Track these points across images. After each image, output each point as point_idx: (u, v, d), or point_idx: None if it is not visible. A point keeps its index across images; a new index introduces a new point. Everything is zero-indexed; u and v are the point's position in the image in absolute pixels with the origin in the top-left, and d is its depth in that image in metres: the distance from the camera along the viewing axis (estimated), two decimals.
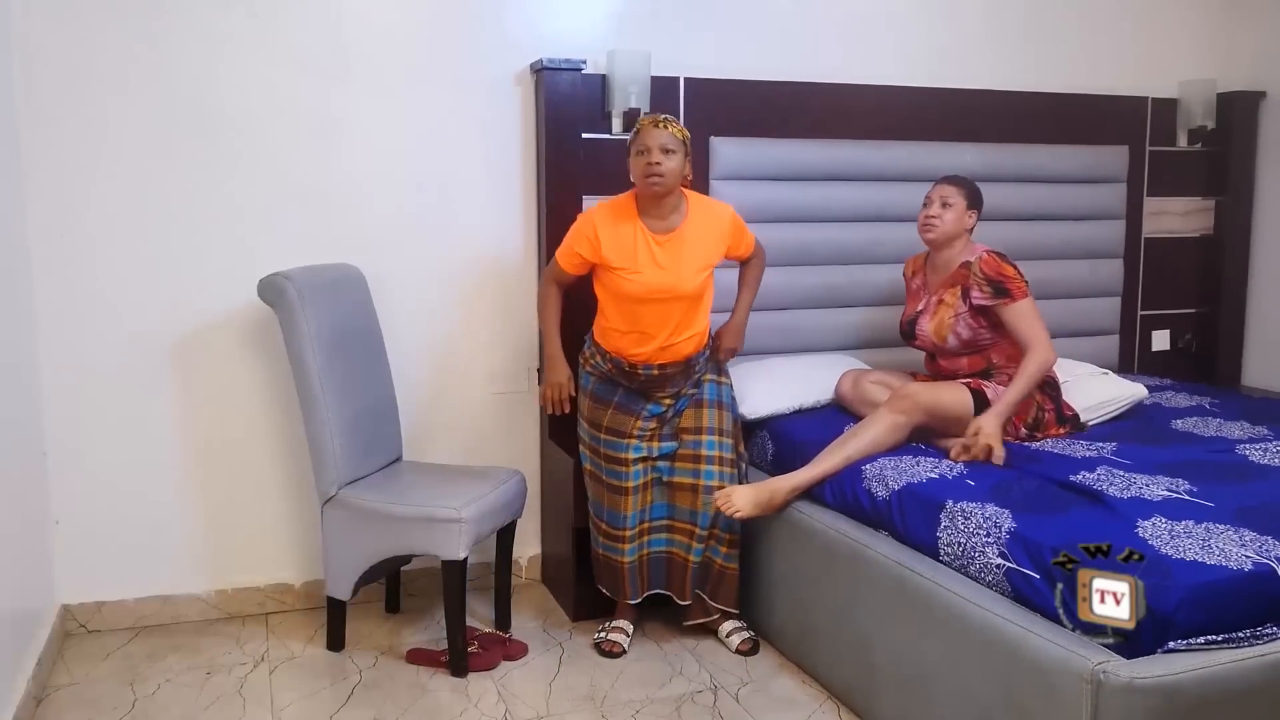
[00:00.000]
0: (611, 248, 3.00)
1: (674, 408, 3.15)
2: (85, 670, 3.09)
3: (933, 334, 3.23)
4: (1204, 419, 3.39)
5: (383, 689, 2.97)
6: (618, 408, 3.13)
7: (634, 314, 3.02)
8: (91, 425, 3.28)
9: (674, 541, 3.19)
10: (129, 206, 3.24)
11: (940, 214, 3.20)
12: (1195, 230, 4.47)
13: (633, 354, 3.05)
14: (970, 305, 3.13)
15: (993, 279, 3.10)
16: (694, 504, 3.13)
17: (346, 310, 3.26)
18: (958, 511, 2.56)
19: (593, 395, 3.17)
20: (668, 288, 2.99)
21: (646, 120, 2.99)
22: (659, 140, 2.93)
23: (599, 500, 3.19)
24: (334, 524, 3.10)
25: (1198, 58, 4.40)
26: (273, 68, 3.33)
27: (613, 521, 3.15)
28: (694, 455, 3.14)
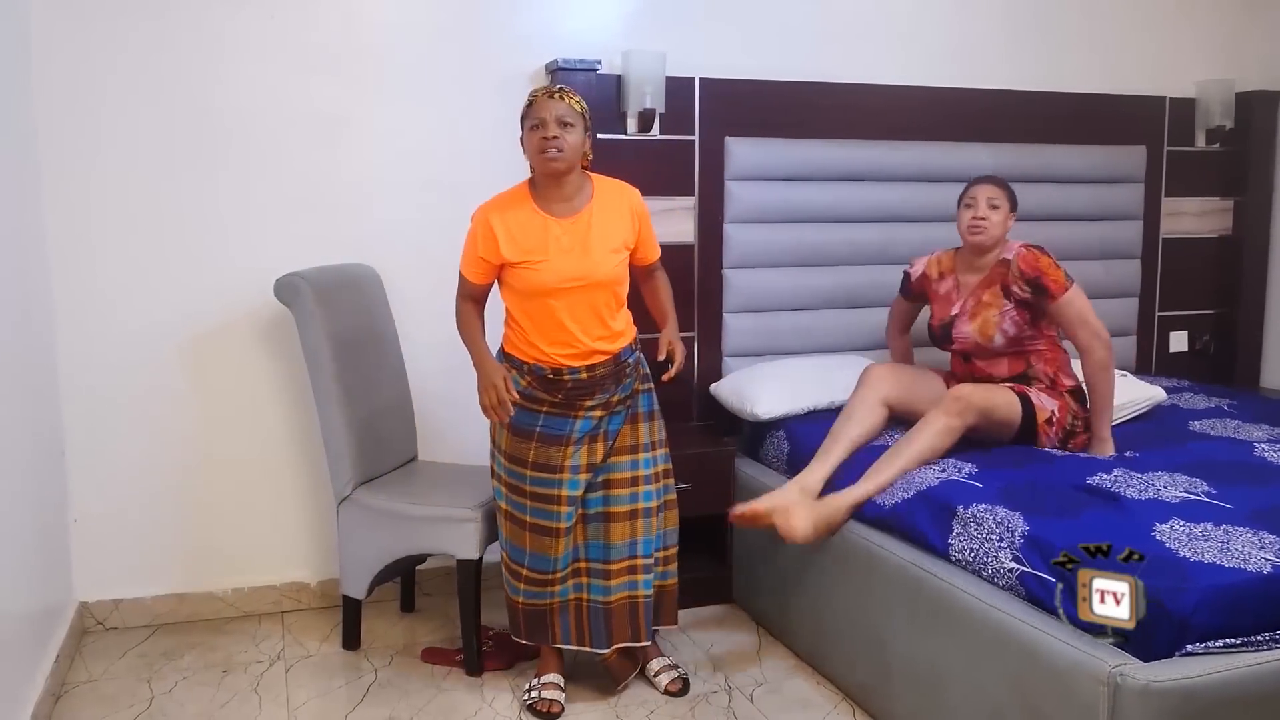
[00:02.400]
0: (511, 242, 2.69)
1: (606, 424, 2.81)
2: (103, 667, 3.11)
3: (978, 334, 3.11)
4: (1222, 420, 3.37)
5: (398, 688, 2.98)
6: (542, 439, 2.77)
7: (549, 311, 2.71)
8: (109, 425, 3.30)
9: (614, 587, 2.82)
10: (145, 208, 3.26)
11: (989, 215, 3.10)
12: (1213, 231, 4.45)
13: (557, 358, 2.74)
14: (1014, 301, 3.06)
15: (1029, 276, 3.04)
16: (633, 533, 2.82)
17: (361, 310, 3.27)
18: (969, 517, 2.55)
19: (512, 427, 2.78)
20: (581, 274, 2.69)
21: (540, 91, 2.69)
22: (555, 112, 2.63)
23: (518, 544, 2.82)
24: (349, 523, 3.11)
25: (1216, 57, 4.37)
26: (287, 68, 3.34)
27: (538, 566, 2.81)
28: (631, 478, 2.83)
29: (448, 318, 3.43)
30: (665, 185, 3.64)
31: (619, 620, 2.83)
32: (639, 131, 3.58)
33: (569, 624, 2.85)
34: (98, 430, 3.29)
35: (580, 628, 2.85)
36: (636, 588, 2.83)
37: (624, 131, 3.57)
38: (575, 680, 2.96)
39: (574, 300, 2.71)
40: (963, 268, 3.23)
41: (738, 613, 3.44)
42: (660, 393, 2.99)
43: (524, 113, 2.71)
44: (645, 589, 2.84)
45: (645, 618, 2.85)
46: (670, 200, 3.65)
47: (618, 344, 2.80)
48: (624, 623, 2.84)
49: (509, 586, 2.89)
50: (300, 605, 3.53)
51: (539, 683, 2.88)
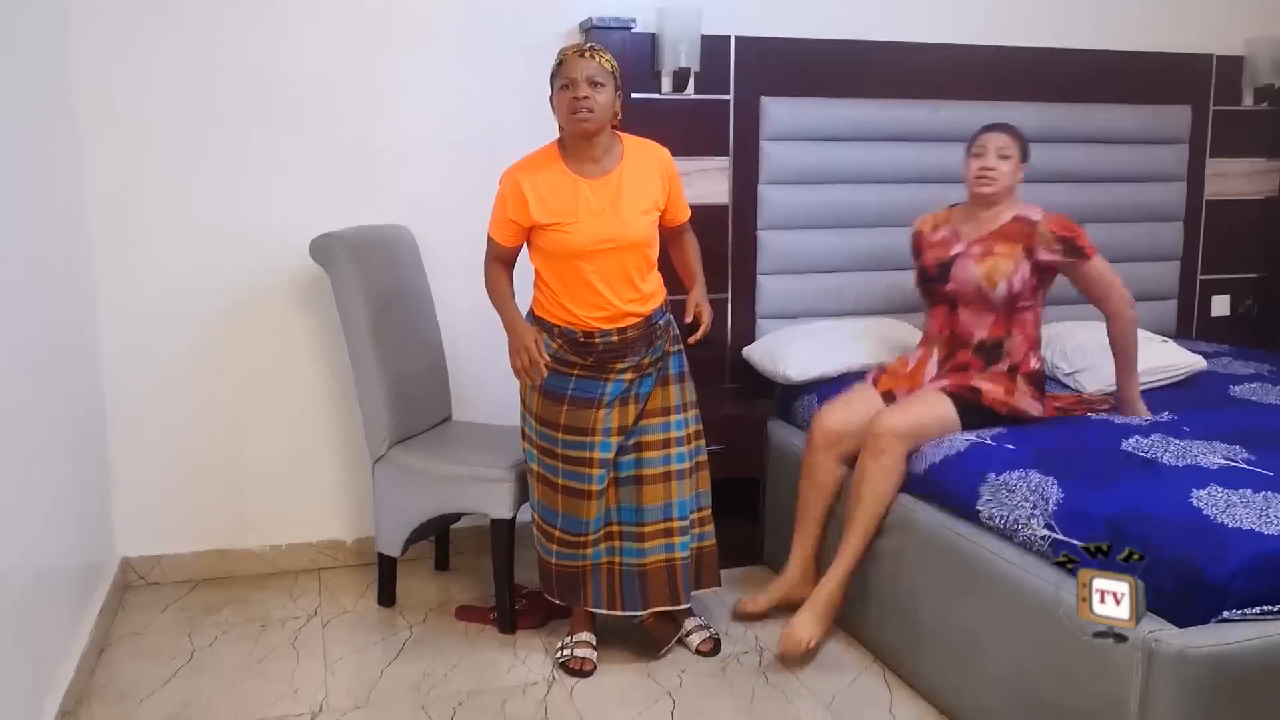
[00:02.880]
0: (541, 203, 2.67)
1: (637, 386, 2.79)
2: (145, 621, 3.17)
3: (982, 278, 2.94)
4: (1264, 386, 3.32)
5: (432, 644, 3.02)
6: (573, 402, 2.76)
7: (580, 273, 2.69)
8: (149, 385, 3.34)
9: (649, 549, 2.82)
10: (181, 171, 3.28)
11: (998, 165, 2.95)
12: (1259, 192, 4.35)
13: (588, 321, 2.72)
14: (1035, 261, 2.93)
15: (1064, 237, 2.92)
16: (667, 495, 2.82)
17: (397, 270, 3.28)
18: (1001, 484, 2.53)
19: (543, 390, 2.78)
20: (612, 235, 2.67)
21: (570, 50, 2.65)
22: (586, 71, 2.59)
23: (550, 505, 2.83)
24: (384, 482, 3.14)
25: (1265, 13, 4.25)
26: (322, 30, 3.33)
27: (571, 528, 2.81)
28: (664, 440, 2.83)
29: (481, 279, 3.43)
30: (700, 145, 3.61)
31: (655, 583, 2.83)
32: (673, 91, 3.55)
33: (600, 587, 2.85)
34: (139, 390, 3.33)
35: (612, 591, 2.85)
36: (674, 550, 2.83)
37: (658, 91, 3.54)
38: (607, 640, 2.98)
39: (605, 262, 2.69)
40: (963, 221, 3.07)
41: (769, 574, 3.45)
42: (693, 355, 2.98)
43: (554, 72, 2.67)
44: (682, 551, 2.84)
45: (683, 580, 2.84)
46: (704, 161, 3.62)
47: (648, 306, 2.79)
48: (661, 586, 2.84)
49: (541, 548, 2.89)
50: (336, 563, 3.58)
51: (572, 641, 2.90)
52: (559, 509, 2.82)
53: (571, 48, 2.68)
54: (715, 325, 3.65)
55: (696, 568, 2.91)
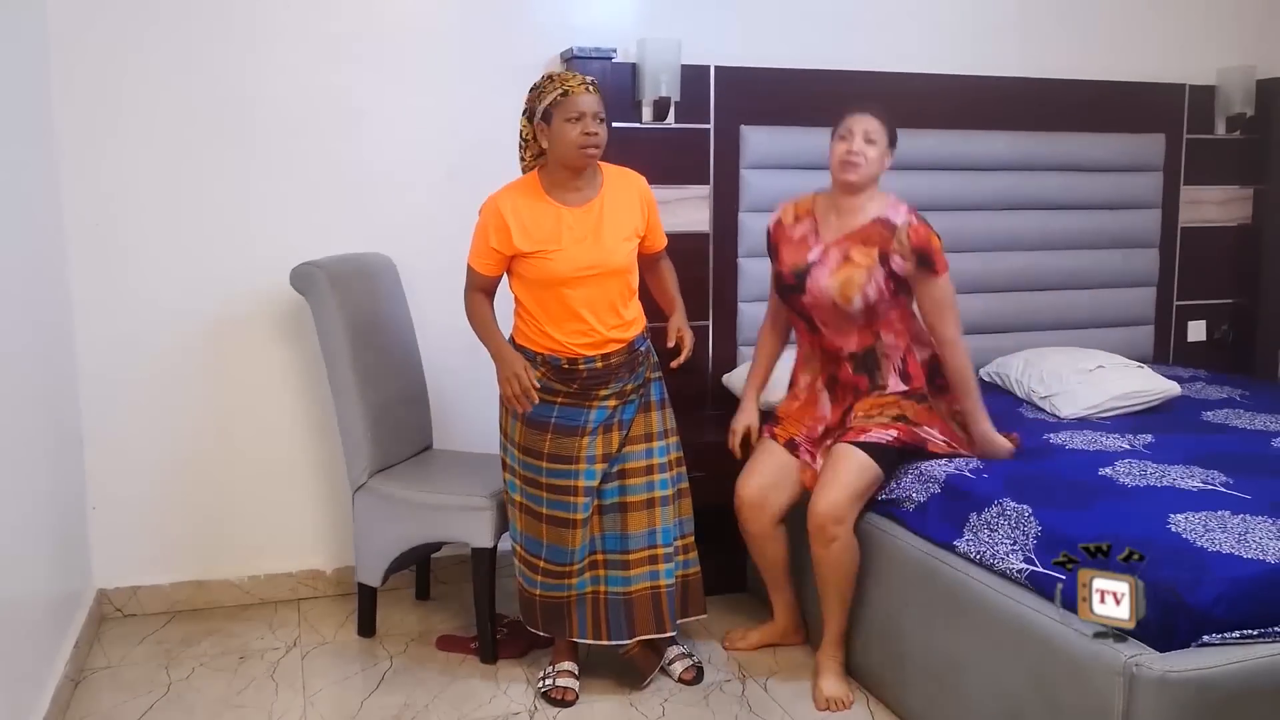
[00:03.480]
0: (524, 232, 2.66)
1: (620, 413, 2.79)
2: (121, 654, 3.13)
3: (836, 293, 2.78)
4: (1235, 411, 3.35)
5: (413, 675, 2.99)
6: (557, 430, 2.75)
7: (563, 301, 2.69)
8: (127, 413, 3.32)
9: (635, 577, 2.80)
10: (162, 195, 3.28)
11: (864, 150, 2.76)
12: (1233, 219, 4.41)
13: (572, 348, 2.72)
14: (888, 270, 2.76)
15: (920, 250, 2.75)
16: (651, 522, 2.81)
17: (378, 299, 3.27)
18: (981, 524, 2.53)
19: (526, 419, 2.76)
20: (595, 262, 2.67)
21: (574, 82, 2.63)
22: (594, 107, 2.62)
23: (534, 536, 2.80)
24: (365, 511, 3.13)
25: (1236, 44, 4.32)
26: (304, 56, 3.35)
27: (556, 558, 2.79)
28: (647, 466, 2.82)
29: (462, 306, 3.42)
30: (680, 174, 3.64)
31: (641, 611, 2.82)
32: (654, 120, 3.57)
33: (585, 617, 2.83)
34: (116, 418, 3.31)
35: (598, 621, 2.83)
36: (658, 577, 2.81)
37: (639, 120, 3.56)
38: (589, 669, 2.96)
39: (589, 289, 2.70)
40: (825, 211, 2.89)
41: (752, 602, 3.44)
42: (674, 382, 2.98)
43: (553, 101, 2.63)
44: (667, 578, 2.82)
45: (669, 608, 2.83)
46: (685, 189, 3.64)
47: (631, 332, 2.80)
48: (646, 613, 2.82)
49: (524, 579, 2.87)
50: (316, 593, 3.55)
51: (554, 670, 2.88)
52: (543, 539, 2.80)
53: (574, 80, 2.64)
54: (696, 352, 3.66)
55: (682, 596, 2.89)
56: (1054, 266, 4.07)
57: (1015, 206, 4.00)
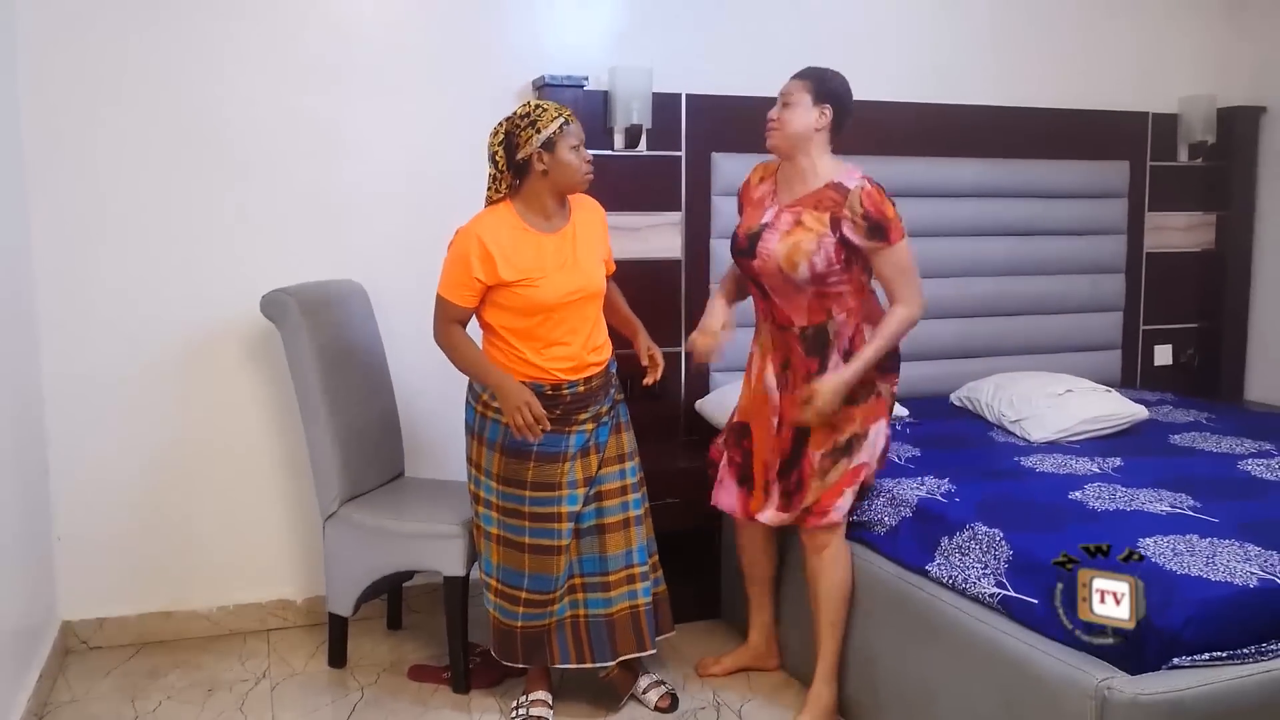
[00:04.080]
0: (507, 261, 2.64)
1: (595, 436, 2.80)
2: (86, 687, 3.08)
3: (783, 259, 2.69)
4: (1201, 434, 3.39)
5: (384, 706, 2.96)
6: (539, 457, 2.73)
7: (548, 327, 2.70)
8: (94, 441, 3.28)
9: (615, 598, 2.82)
10: (131, 220, 3.26)
11: (779, 115, 2.73)
12: (1197, 245, 4.48)
13: (556, 373, 2.72)
14: (839, 236, 2.66)
15: (873, 217, 2.65)
16: (628, 542, 2.83)
17: (348, 326, 3.26)
18: (953, 548, 2.55)
19: (505, 449, 2.75)
20: (579, 286, 2.71)
21: (569, 112, 2.69)
22: (582, 136, 2.72)
23: (515, 568, 2.78)
24: (336, 540, 3.10)
25: (1198, 73, 4.41)
26: (276, 82, 3.34)
27: (539, 587, 2.78)
28: (621, 487, 2.84)
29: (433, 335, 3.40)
30: (652, 201, 3.66)
31: (622, 631, 2.82)
32: (626, 147, 3.59)
33: (567, 642, 2.82)
34: (82, 447, 3.27)
35: (580, 645, 2.82)
36: (636, 596, 2.83)
37: (611, 147, 3.58)
38: (562, 696, 2.94)
39: (571, 313, 2.72)
40: (786, 175, 2.83)
41: (725, 627, 3.43)
42: (647, 408, 2.99)
43: (559, 130, 2.65)
44: (645, 596, 2.84)
45: (648, 625, 2.84)
46: (657, 216, 3.66)
47: (605, 354, 2.84)
48: (628, 633, 2.82)
49: (501, 611, 2.83)
50: (286, 623, 3.51)
51: (526, 700, 2.86)
52: (525, 569, 2.78)
53: (568, 110, 2.71)
54: (669, 379, 3.68)
55: (658, 617, 2.91)
56: (1022, 292, 4.11)
57: (984, 233, 4.04)
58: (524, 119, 2.67)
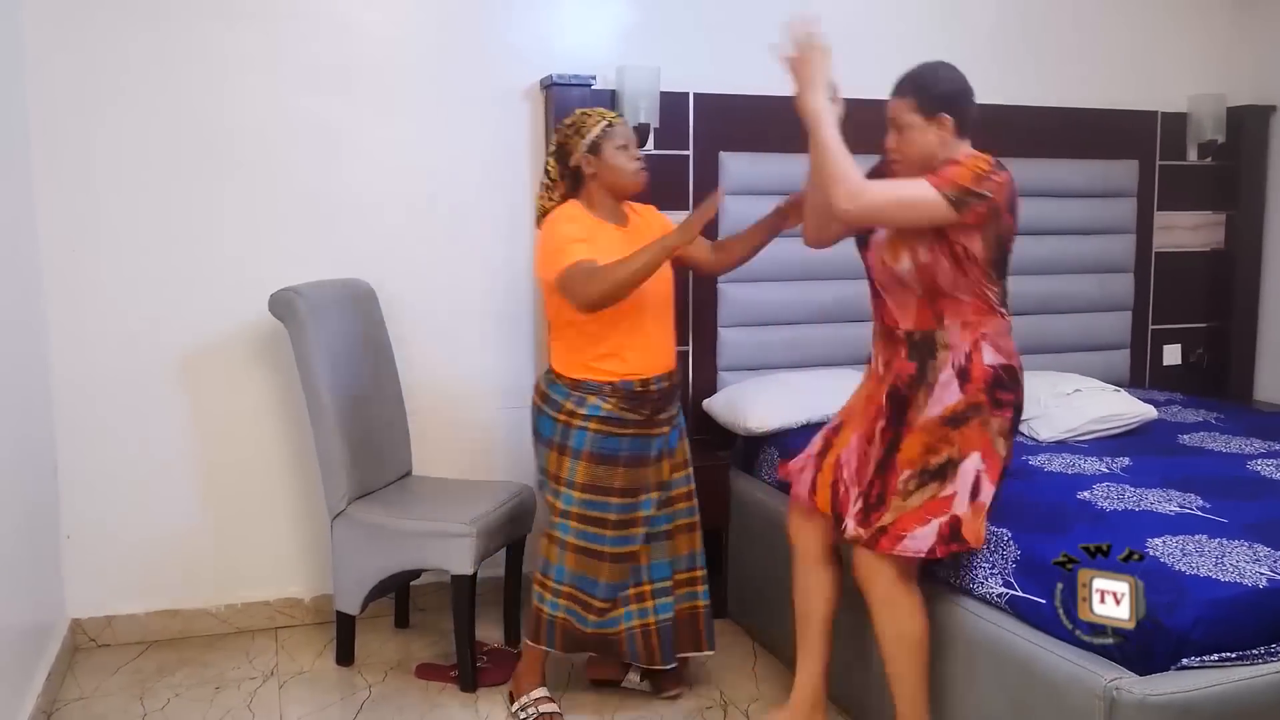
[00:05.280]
0: (594, 244, 2.62)
1: (668, 440, 2.81)
2: (95, 684, 3.09)
3: (885, 248, 2.45)
4: (1210, 434, 3.37)
5: (392, 704, 2.96)
6: (628, 462, 2.71)
7: (639, 321, 2.68)
8: (102, 440, 3.29)
9: (679, 598, 2.85)
10: (139, 222, 3.26)
11: (895, 144, 2.49)
12: (1206, 245, 4.46)
13: (644, 370, 2.70)
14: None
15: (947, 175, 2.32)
16: (692, 544, 2.88)
17: (356, 325, 3.27)
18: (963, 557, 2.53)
19: (592, 455, 2.69)
20: (664, 278, 2.72)
21: (612, 114, 2.75)
22: (632, 135, 2.78)
23: (591, 575, 2.75)
24: (343, 538, 3.10)
25: (1207, 72, 4.39)
26: (283, 83, 3.35)
27: (611, 595, 2.78)
28: (687, 492, 2.88)
29: (444, 332, 3.41)
30: (660, 200, 3.60)
31: (684, 632, 2.87)
32: None
33: (638, 648, 2.83)
34: (90, 446, 3.28)
35: (650, 650, 2.83)
36: (697, 598, 2.89)
37: None
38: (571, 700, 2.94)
39: (659, 306, 2.76)
40: None
41: (733, 627, 3.43)
42: None
43: (603, 133, 2.70)
44: (704, 599, 2.90)
45: (706, 626, 2.90)
46: (665, 215, 3.64)
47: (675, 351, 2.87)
48: (686, 632, 2.87)
49: (574, 616, 2.78)
50: (294, 621, 3.51)
51: (531, 699, 2.86)
52: (601, 578, 2.76)
53: (612, 113, 2.76)
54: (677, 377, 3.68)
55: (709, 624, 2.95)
56: (1031, 291, 4.09)
57: None
58: (570, 126, 2.73)
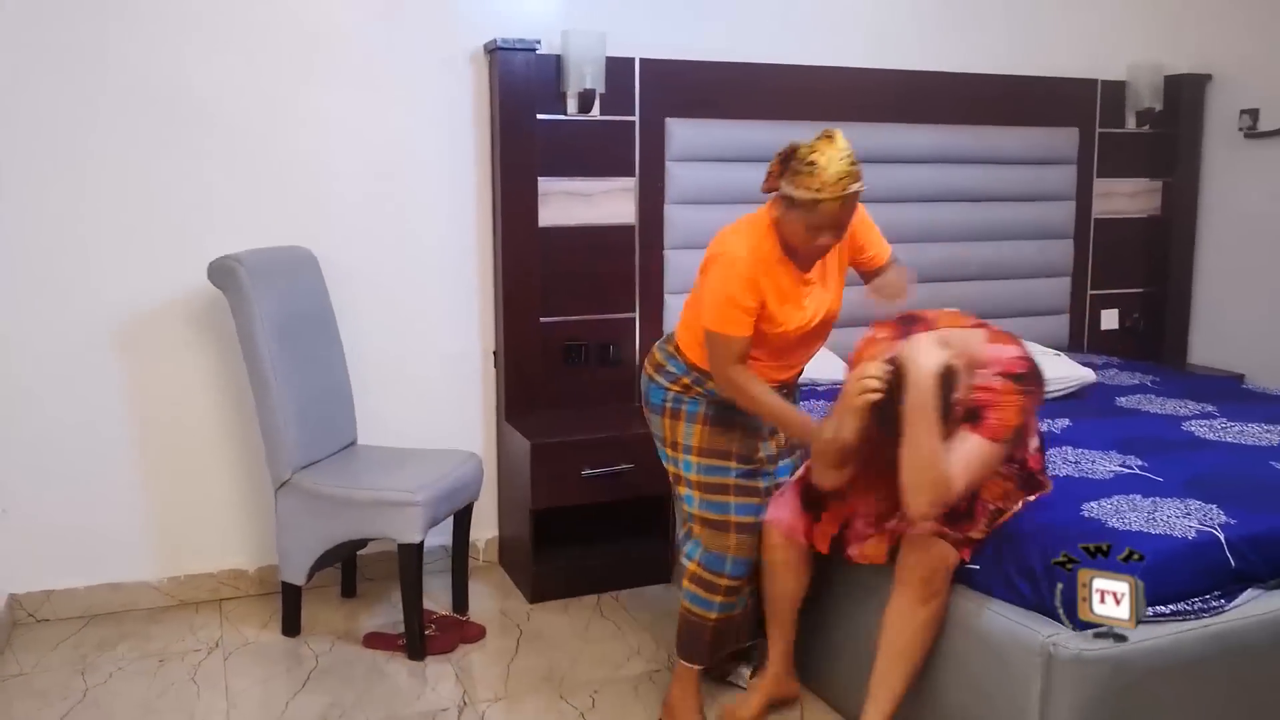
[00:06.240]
0: (774, 299, 2.39)
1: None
2: (34, 660, 3.04)
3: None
4: (1146, 396, 3.46)
5: (339, 674, 2.95)
6: (745, 429, 2.55)
7: (780, 349, 2.50)
8: (37, 411, 3.22)
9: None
10: (72, 186, 3.18)
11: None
12: (1143, 211, 4.54)
13: (770, 377, 2.50)
14: None
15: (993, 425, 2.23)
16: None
17: (298, 293, 3.22)
18: None
19: (709, 419, 2.53)
20: (822, 321, 2.50)
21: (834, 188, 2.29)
22: (844, 220, 2.35)
23: (718, 550, 2.55)
24: (288, 508, 3.07)
25: (1146, 40, 4.45)
26: (221, 47, 3.27)
27: (738, 573, 2.58)
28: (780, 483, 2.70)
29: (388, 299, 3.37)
30: (605, 166, 3.64)
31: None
32: (579, 112, 3.56)
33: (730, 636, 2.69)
34: (26, 418, 3.21)
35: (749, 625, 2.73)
36: None
37: (564, 112, 3.55)
38: (520, 669, 2.95)
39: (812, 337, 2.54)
40: None
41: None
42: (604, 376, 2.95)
43: (804, 202, 2.30)
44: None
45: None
46: (610, 181, 3.64)
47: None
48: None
49: (699, 603, 2.60)
50: (238, 593, 3.48)
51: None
52: (729, 552, 2.56)
53: (836, 181, 2.30)
54: (624, 346, 3.69)
55: None
56: (973, 257, 4.15)
57: (935, 199, 4.07)
58: (796, 159, 2.35)
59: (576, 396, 3.66)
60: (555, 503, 3.37)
